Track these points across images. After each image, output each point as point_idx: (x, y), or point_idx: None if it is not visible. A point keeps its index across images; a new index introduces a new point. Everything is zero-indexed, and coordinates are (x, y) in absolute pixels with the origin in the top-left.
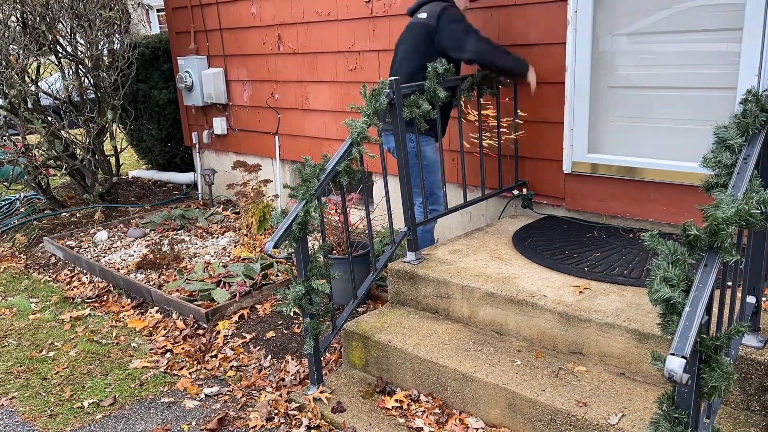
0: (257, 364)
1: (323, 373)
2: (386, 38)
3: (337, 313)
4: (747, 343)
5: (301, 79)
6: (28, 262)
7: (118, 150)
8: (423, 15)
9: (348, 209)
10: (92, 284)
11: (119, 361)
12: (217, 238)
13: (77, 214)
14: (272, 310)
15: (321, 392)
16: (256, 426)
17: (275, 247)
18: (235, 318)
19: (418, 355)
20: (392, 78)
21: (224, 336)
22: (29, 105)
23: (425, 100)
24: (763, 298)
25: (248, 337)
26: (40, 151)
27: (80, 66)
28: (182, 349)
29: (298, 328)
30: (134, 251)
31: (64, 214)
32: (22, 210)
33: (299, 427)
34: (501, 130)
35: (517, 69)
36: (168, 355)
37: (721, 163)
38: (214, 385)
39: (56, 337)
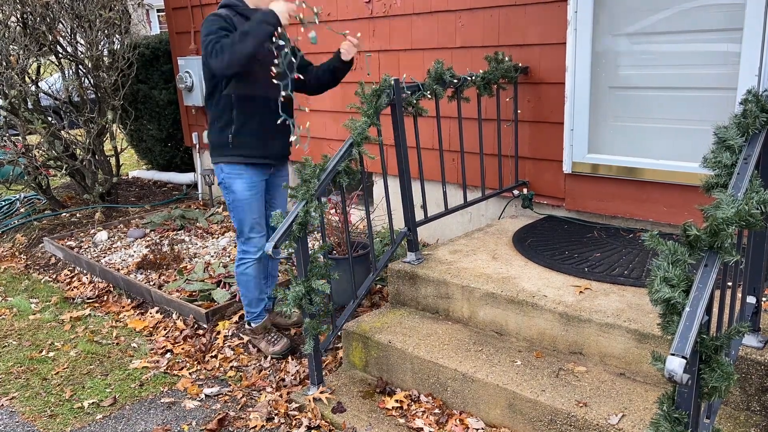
0: (257, 365)
1: (323, 373)
2: (386, 38)
3: (337, 314)
4: (747, 344)
5: None
6: (28, 263)
7: (118, 150)
8: None
9: (348, 209)
10: (92, 284)
11: (119, 361)
12: (217, 238)
13: (77, 215)
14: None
15: (321, 392)
16: (256, 426)
17: (275, 247)
18: (236, 318)
19: (418, 356)
20: (393, 78)
21: (224, 336)
22: (29, 105)
23: (422, 97)
24: (764, 299)
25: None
26: (40, 151)
27: (80, 66)
28: (182, 349)
29: (298, 328)
30: (134, 251)
31: (64, 214)
32: (22, 210)
33: (299, 428)
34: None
35: (263, 31)
36: (168, 355)
37: (721, 164)
38: (215, 385)
39: (56, 338)
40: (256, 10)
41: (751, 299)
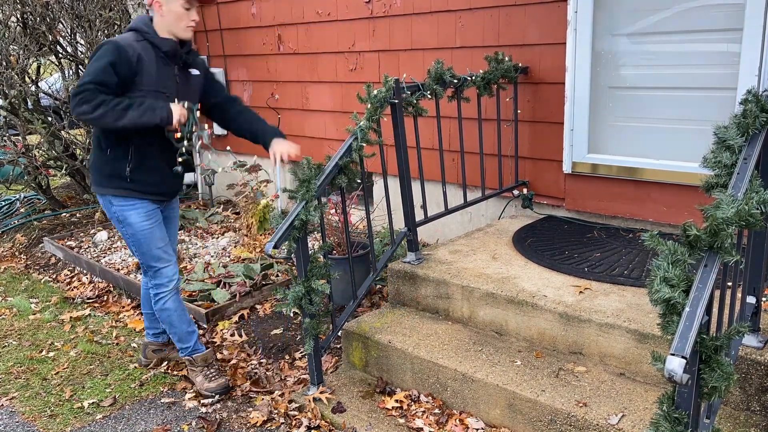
0: (257, 365)
1: (323, 373)
2: (386, 38)
3: (336, 314)
4: (747, 344)
5: (301, 80)
6: (28, 263)
7: None
8: None
9: (348, 209)
10: (92, 284)
11: (119, 361)
12: (217, 238)
13: (77, 215)
14: (272, 310)
15: (321, 392)
16: (256, 425)
17: (275, 247)
18: (236, 318)
19: (418, 356)
20: (393, 78)
21: (224, 336)
22: (29, 105)
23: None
24: (763, 299)
25: (248, 337)
26: (41, 151)
27: (80, 66)
28: None
29: (297, 328)
30: None
31: (64, 214)
32: (22, 210)
33: (299, 428)
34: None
35: (149, 121)
36: None
37: (721, 164)
38: None
39: (56, 338)
40: (165, 39)
41: (751, 299)
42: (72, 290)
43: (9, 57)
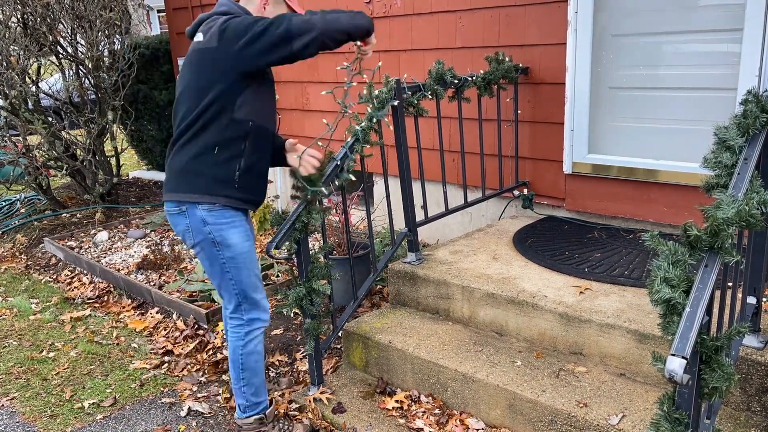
0: None
1: (323, 373)
2: (386, 39)
3: (337, 314)
4: (747, 344)
5: (301, 80)
6: (29, 263)
7: (119, 151)
8: (199, 37)
9: (348, 210)
10: (93, 285)
11: (120, 361)
12: None
13: (78, 215)
14: (272, 310)
15: (321, 393)
16: None
17: (276, 247)
18: None
19: (418, 356)
20: (394, 78)
21: (225, 337)
22: (30, 106)
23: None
24: (764, 299)
25: None
26: (41, 151)
27: (81, 67)
28: (183, 349)
29: (298, 328)
30: (135, 252)
31: (64, 214)
32: (22, 210)
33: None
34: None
35: (362, 23)
36: (168, 355)
37: (722, 164)
38: (215, 385)
39: (57, 338)
40: None
41: (751, 299)
42: (72, 290)
43: (9, 57)
